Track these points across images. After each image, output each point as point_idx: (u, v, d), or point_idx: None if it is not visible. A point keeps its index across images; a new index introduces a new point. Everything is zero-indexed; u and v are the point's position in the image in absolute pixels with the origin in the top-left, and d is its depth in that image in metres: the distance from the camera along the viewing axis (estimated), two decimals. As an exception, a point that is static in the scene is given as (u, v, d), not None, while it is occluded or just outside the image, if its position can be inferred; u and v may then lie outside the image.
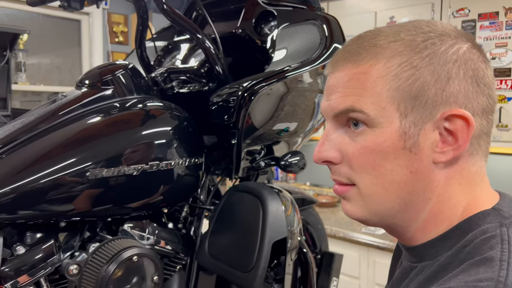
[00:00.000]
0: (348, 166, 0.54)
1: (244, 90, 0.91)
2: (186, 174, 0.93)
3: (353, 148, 0.53)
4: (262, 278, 0.88)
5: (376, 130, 0.51)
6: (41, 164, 0.77)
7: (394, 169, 0.51)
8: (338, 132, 0.55)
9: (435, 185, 0.52)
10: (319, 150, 0.55)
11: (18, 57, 2.87)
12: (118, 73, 0.94)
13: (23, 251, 0.78)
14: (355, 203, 0.55)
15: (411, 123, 0.50)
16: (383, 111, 0.50)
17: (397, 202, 0.52)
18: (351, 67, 0.53)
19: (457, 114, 0.49)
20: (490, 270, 0.44)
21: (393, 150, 0.51)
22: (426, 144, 0.50)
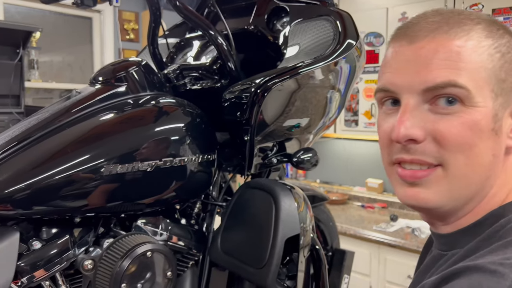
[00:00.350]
0: (436, 144, 0.51)
1: (257, 87, 0.91)
2: (199, 170, 0.93)
3: (448, 125, 0.50)
4: (275, 275, 0.88)
5: (473, 109, 0.49)
6: (56, 160, 0.78)
7: (484, 151, 0.50)
8: (421, 109, 0.52)
9: (499, 171, 0.52)
10: (405, 127, 0.51)
11: (31, 55, 2.90)
12: (132, 69, 0.94)
13: (39, 246, 0.79)
14: (436, 188, 0.52)
15: (500, 106, 0.50)
16: (481, 90, 0.49)
17: (476, 187, 0.52)
18: (446, 38, 0.50)
19: None
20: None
21: (487, 130, 0.49)
22: (505, 128, 0.51)
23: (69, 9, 3.06)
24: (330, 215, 1.58)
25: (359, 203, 3.07)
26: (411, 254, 2.27)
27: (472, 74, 0.49)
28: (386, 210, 2.89)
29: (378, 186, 3.02)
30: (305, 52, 0.99)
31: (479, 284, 0.42)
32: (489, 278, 0.42)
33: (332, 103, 1.09)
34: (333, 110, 1.12)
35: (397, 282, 2.33)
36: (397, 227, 2.51)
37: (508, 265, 0.43)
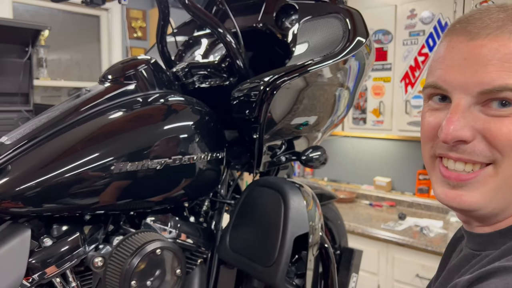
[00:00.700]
0: (487, 143, 0.51)
1: (266, 85, 0.91)
2: (208, 168, 0.93)
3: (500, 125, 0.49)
4: (284, 273, 0.88)
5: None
6: (67, 158, 0.78)
7: None
8: (473, 110, 0.51)
9: None
10: (455, 128, 0.51)
11: (39, 53, 2.92)
12: (141, 68, 0.95)
13: (50, 243, 0.79)
14: (482, 189, 0.52)
15: None
16: None
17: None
18: (506, 38, 0.49)
19: None
20: None
21: None
22: None
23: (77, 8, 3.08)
24: (338, 214, 1.57)
25: (367, 201, 3.06)
26: (419, 253, 2.26)
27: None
28: (394, 209, 2.87)
29: (386, 185, 3.00)
30: (314, 50, 0.98)
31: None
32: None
33: (341, 101, 1.08)
34: (341, 108, 1.12)
35: (405, 281, 2.32)
36: (406, 225, 2.50)
37: None
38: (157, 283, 0.85)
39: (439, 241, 2.25)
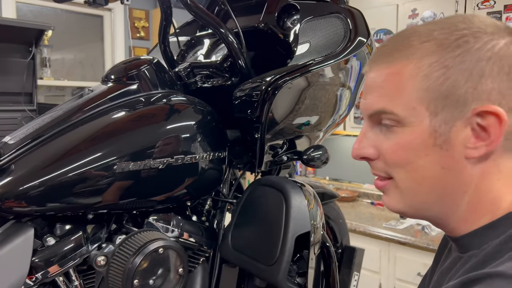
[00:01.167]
0: (384, 162, 0.57)
1: (267, 85, 0.91)
2: (210, 167, 0.94)
3: (387, 145, 0.56)
4: (286, 272, 0.88)
5: (407, 129, 0.53)
6: (70, 158, 0.79)
7: (426, 165, 0.53)
8: (374, 130, 0.58)
9: (469, 180, 0.53)
10: (357, 147, 0.59)
11: (43, 53, 2.93)
12: (143, 68, 0.95)
13: (53, 242, 0.80)
14: (393, 196, 0.58)
15: (442, 121, 0.52)
16: (413, 111, 0.53)
17: (431, 196, 0.55)
18: (384, 67, 0.55)
19: (488, 111, 0.50)
20: None
21: (423, 147, 0.53)
22: (457, 140, 0.52)
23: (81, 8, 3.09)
24: (340, 212, 1.58)
25: (369, 200, 3.06)
26: (421, 252, 2.26)
27: (402, 99, 0.53)
28: (396, 208, 2.87)
29: (388, 184, 3.00)
30: (316, 50, 0.98)
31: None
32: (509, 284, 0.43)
33: (342, 100, 1.09)
34: (343, 108, 1.12)
35: (407, 279, 2.32)
36: (407, 224, 2.50)
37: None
38: (160, 282, 0.86)
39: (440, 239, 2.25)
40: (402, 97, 0.53)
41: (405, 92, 0.53)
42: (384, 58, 0.56)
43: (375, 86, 0.56)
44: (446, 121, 0.52)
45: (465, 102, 0.51)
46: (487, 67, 0.50)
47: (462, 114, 0.51)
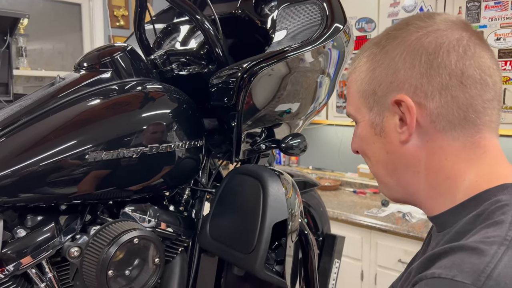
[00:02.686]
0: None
1: (243, 71, 0.90)
2: (186, 156, 0.93)
3: (353, 139, 0.68)
4: (263, 260, 0.88)
5: (359, 124, 0.65)
6: (40, 147, 0.77)
7: (376, 151, 0.63)
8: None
9: (416, 160, 0.59)
10: (351, 144, 0.69)
11: (19, 42, 2.86)
12: (117, 55, 0.93)
13: (24, 233, 0.78)
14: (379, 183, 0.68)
15: (376, 114, 0.61)
16: (359, 110, 0.64)
17: (390, 178, 0.64)
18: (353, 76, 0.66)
19: (399, 100, 0.57)
20: (499, 229, 0.48)
21: (369, 136, 0.63)
22: (390, 127, 0.60)
23: (57, -5, 3.01)
24: (321, 201, 1.58)
25: (351, 189, 3.09)
26: (402, 239, 2.30)
27: (353, 101, 0.65)
28: (378, 196, 2.90)
29: (369, 172, 3.03)
30: (293, 36, 0.98)
31: (462, 261, 0.45)
32: (471, 255, 0.45)
33: (321, 88, 1.08)
34: (322, 96, 1.12)
35: (388, 266, 2.35)
36: (388, 212, 2.53)
37: (488, 242, 0.46)
38: (136, 273, 0.84)
39: (421, 226, 2.29)
40: (353, 100, 0.65)
41: (353, 95, 0.65)
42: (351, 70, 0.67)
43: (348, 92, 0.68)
44: (378, 113, 0.61)
45: (386, 95, 0.59)
46: (400, 61, 0.58)
47: (385, 106, 0.60)
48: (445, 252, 0.49)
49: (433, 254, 0.50)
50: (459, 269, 0.44)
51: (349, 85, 0.66)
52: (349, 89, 0.66)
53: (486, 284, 0.42)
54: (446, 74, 0.56)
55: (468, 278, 0.43)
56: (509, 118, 2.26)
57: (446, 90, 0.56)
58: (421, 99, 0.56)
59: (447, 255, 0.48)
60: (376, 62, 0.61)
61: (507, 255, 0.44)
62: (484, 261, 0.44)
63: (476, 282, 0.42)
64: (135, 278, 0.84)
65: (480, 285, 0.42)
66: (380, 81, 0.60)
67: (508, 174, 0.57)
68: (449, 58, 0.56)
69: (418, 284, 0.48)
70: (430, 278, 0.46)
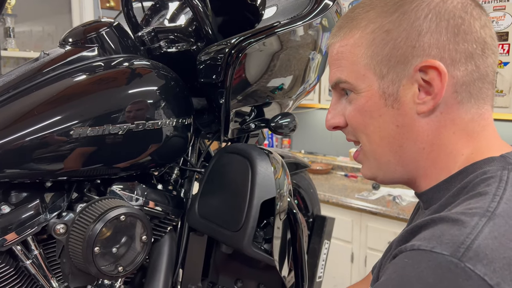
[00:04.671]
0: (350, 128, 0.61)
1: (231, 47, 0.88)
2: (173, 134, 0.92)
3: (348, 112, 0.60)
4: (251, 237, 0.88)
5: (361, 94, 0.57)
6: (24, 122, 0.75)
7: (381, 125, 0.57)
8: (341, 100, 0.62)
9: (425, 134, 0.55)
10: (327, 119, 0.63)
11: (6, 22, 2.80)
12: (103, 30, 0.91)
13: (8, 210, 0.77)
14: (364, 165, 0.62)
15: (389, 83, 0.55)
16: (363, 78, 0.56)
17: (392, 156, 0.58)
18: (336, 41, 0.59)
19: (427, 65, 0.52)
20: (482, 201, 0.46)
21: (376, 109, 0.56)
22: (406, 98, 0.54)
23: (45, -25, 2.94)
24: (311, 182, 1.59)
25: (343, 172, 3.10)
26: (392, 221, 2.31)
27: (352, 67, 0.57)
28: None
29: (361, 156, 3.04)
30: (283, 13, 0.96)
31: (442, 232, 0.44)
32: (451, 227, 0.44)
33: (311, 66, 1.07)
34: (312, 74, 1.11)
35: (378, 248, 2.38)
36: (379, 195, 2.54)
37: (470, 214, 0.45)
38: (123, 250, 0.84)
39: (411, 209, 2.31)
40: (352, 66, 0.57)
41: (354, 60, 0.57)
42: (338, 32, 0.59)
43: (332, 59, 0.60)
44: (393, 82, 0.55)
45: (407, 61, 0.53)
46: (424, 24, 0.53)
47: (405, 72, 0.54)
48: (426, 224, 0.48)
49: (415, 226, 0.49)
50: (439, 241, 0.43)
51: (344, 49, 0.58)
52: (344, 54, 0.58)
53: (465, 255, 0.41)
54: (473, 41, 0.53)
55: (447, 250, 0.42)
56: (500, 102, 2.26)
57: (471, 58, 0.53)
58: (448, 67, 0.52)
59: (428, 227, 0.47)
60: (391, 23, 0.54)
61: (488, 227, 0.43)
62: (464, 233, 0.43)
63: (455, 253, 0.41)
64: (122, 255, 0.83)
65: (459, 256, 0.41)
66: (399, 44, 0.54)
67: (502, 146, 0.56)
68: (474, 24, 0.53)
69: (398, 256, 0.47)
70: (409, 250, 0.45)
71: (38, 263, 0.82)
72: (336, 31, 0.60)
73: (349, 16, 0.59)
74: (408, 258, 0.44)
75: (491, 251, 0.41)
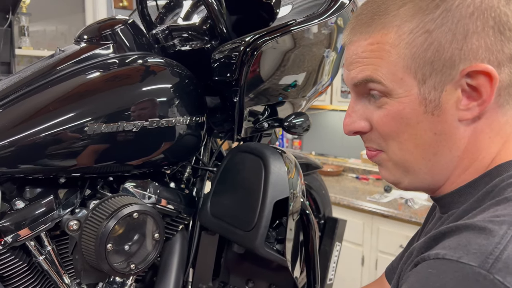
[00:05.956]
0: (377, 134, 0.56)
1: (246, 45, 0.88)
2: (187, 132, 0.91)
3: (377, 117, 0.54)
4: (264, 237, 0.87)
5: (396, 99, 0.52)
6: (39, 118, 0.76)
7: (418, 133, 0.52)
8: (362, 102, 0.56)
9: (462, 142, 0.52)
10: (347, 123, 0.57)
11: (21, 21, 2.83)
12: (117, 28, 0.91)
13: (22, 205, 0.78)
14: (387, 168, 0.58)
15: (431, 88, 0.50)
16: (401, 82, 0.51)
17: (424, 165, 0.54)
18: (363, 38, 0.53)
19: (477, 70, 0.48)
20: (510, 207, 0.43)
21: (414, 116, 0.51)
22: (449, 104, 0.50)
23: (60, -26, 2.97)
24: (323, 183, 1.57)
25: (354, 174, 3.08)
26: (403, 224, 2.29)
27: (388, 68, 0.51)
28: (381, 182, 2.89)
29: (373, 158, 3.01)
30: (298, 11, 0.95)
31: (468, 241, 0.41)
32: (478, 235, 0.42)
33: (325, 65, 1.06)
34: (326, 74, 1.10)
35: (389, 251, 2.35)
36: (391, 198, 2.52)
37: (498, 222, 0.42)
38: (135, 247, 0.84)
39: (423, 212, 2.28)
40: (387, 67, 0.51)
41: (391, 61, 0.51)
42: (362, 28, 0.53)
43: (357, 56, 0.54)
44: (436, 87, 0.50)
45: (453, 65, 0.49)
46: (471, 24, 0.48)
47: (450, 77, 0.49)
48: (451, 231, 0.45)
49: (438, 233, 0.46)
50: (465, 250, 0.40)
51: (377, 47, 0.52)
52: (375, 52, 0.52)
53: (494, 267, 0.38)
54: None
55: (475, 260, 0.39)
56: None
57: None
58: (495, 69, 0.48)
59: (453, 235, 0.44)
60: (433, 22, 0.49)
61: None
62: (492, 242, 0.40)
63: (483, 264, 0.39)
64: (134, 253, 0.83)
65: (487, 268, 0.38)
66: (444, 46, 0.49)
67: None
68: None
69: (421, 264, 0.44)
70: (433, 259, 0.42)
71: (51, 259, 0.82)
72: (359, 27, 0.54)
73: (376, 11, 0.53)
74: (432, 268, 0.42)
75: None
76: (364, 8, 0.55)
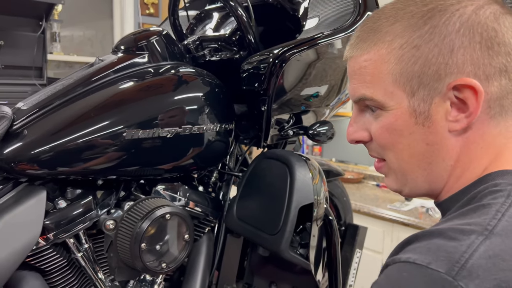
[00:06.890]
0: (376, 144, 0.59)
1: (275, 57, 0.92)
2: (216, 139, 0.96)
3: (374, 128, 0.58)
4: (288, 241, 0.91)
5: (389, 112, 0.55)
6: (80, 124, 0.81)
7: (411, 143, 0.55)
8: (363, 113, 0.60)
9: (454, 152, 0.54)
10: (349, 132, 0.61)
11: (53, 28, 2.94)
12: (153, 39, 0.96)
13: (64, 205, 0.83)
14: (390, 177, 0.61)
15: (420, 100, 0.53)
16: (391, 95, 0.54)
17: (420, 173, 0.57)
18: (358, 55, 0.56)
19: (462, 84, 0.50)
20: (483, 216, 0.46)
21: (406, 127, 0.55)
22: (438, 115, 0.53)
23: (90, -17, 3.08)
24: (344, 190, 1.60)
25: (374, 182, 3.08)
26: (424, 233, 2.28)
27: (379, 84, 0.54)
28: (401, 190, 2.88)
29: (394, 166, 3.01)
30: (325, 24, 0.99)
31: (437, 248, 0.44)
32: (447, 242, 0.44)
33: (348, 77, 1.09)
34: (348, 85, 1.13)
35: (409, 260, 2.34)
36: (412, 206, 2.51)
37: (468, 231, 0.44)
38: (166, 247, 0.88)
39: (444, 222, 2.27)
40: (379, 83, 0.54)
41: (381, 77, 0.54)
42: (359, 45, 0.57)
43: (354, 73, 0.57)
44: (424, 99, 0.53)
45: (439, 78, 0.51)
46: (457, 40, 0.50)
47: (438, 90, 0.52)
48: (422, 235, 0.47)
49: (411, 236, 0.48)
50: (434, 257, 0.43)
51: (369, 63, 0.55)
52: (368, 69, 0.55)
53: (459, 274, 0.41)
54: (506, 53, 0.51)
55: (443, 267, 0.42)
56: None
57: (505, 72, 0.51)
58: (482, 83, 0.50)
59: (424, 239, 0.46)
60: (421, 38, 0.51)
61: (484, 246, 0.43)
62: (459, 251, 0.43)
63: (450, 271, 0.41)
64: (165, 252, 0.88)
65: (453, 275, 0.41)
66: (430, 61, 0.51)
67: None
68: (508, 35, 0.51)
69: (391, 266, 0.46)
70: (403, 262, 0.44)
71: (88, 256, 0.87)
72: (357, 43, 0.57)
73: (371, 27, 0.56)
74: (403, 271, 0.44)
75: (483, 271, 0.41)
76: (364, 25, 0.58)
